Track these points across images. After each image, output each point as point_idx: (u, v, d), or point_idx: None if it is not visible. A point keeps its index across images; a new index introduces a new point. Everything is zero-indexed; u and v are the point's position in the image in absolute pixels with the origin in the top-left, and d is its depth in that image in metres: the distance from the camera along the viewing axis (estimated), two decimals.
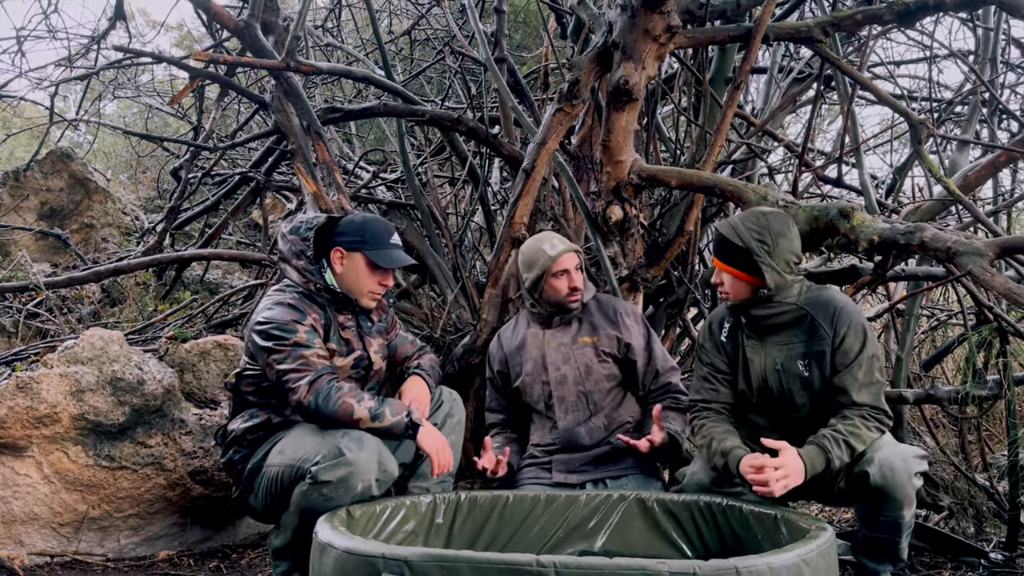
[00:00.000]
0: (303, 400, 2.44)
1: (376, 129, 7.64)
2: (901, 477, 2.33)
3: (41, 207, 6.63)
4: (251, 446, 2.67)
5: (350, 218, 2.77)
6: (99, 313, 5.42)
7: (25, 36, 5.49)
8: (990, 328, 3.36)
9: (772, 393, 2.57)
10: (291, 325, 2.53)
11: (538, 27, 7.46)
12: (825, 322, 2.50)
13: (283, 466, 2.50)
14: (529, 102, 4.56)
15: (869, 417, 2.43)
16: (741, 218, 2.54)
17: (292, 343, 2.50)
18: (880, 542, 2.49)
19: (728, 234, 2.50)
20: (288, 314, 2.56)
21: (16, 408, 3.03)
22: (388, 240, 2.73)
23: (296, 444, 2.51)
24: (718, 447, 2.50)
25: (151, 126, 8.35)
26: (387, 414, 2.47)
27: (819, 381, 2.50)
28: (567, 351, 2.99)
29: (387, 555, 1.72)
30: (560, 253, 2.96)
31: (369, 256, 2.67)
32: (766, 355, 2.57)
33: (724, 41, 3.52)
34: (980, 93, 4.25)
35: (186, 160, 5.91)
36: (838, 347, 2.47)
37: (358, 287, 2.71)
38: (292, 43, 3.70)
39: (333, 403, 2.43)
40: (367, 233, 2.70)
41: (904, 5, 3.03)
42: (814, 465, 2.33)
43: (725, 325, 2.70)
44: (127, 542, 3.30)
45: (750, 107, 5.19)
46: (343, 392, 2.46)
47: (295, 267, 2.70)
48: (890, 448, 2.40)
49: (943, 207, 3.82)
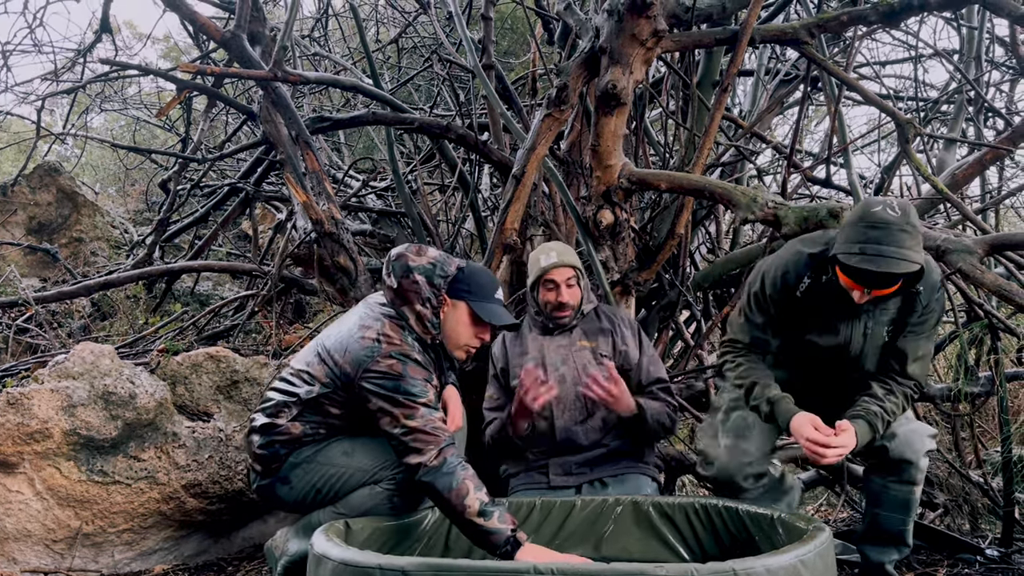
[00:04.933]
0: (428, 464, 2.32)
1: (365, 138, 7.65)
2: (918, 453, 2.44)
3: (29, 222, 6.60)
4: (297, 444, 2.58)
5: (463, 266, 2.63)
6: (89, 327, 5.40)
7: (10, 50, 5.47)
8: (981, 325, 3.37)
9: (848, 354, 2.46)
10: (424, 385, 2.41)
11: (525, 33, 7.49)
12: (924, 294, 2.36)
13: (352, 468, 2.49)
14: (518, 108, 4.57)
15: (912, 395, 2.43)
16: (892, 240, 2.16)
17: (423, 403, 2.39)
18: (887, 523, 2.51)
19: (907, 267, 2.15)
20: (418, 371, 2.44)
21: (7, 424, 3.01)
22: (494, 294, 2.61)
23: (371, 450, 2.50)
24: (764, 393, 2.44)
25: (139, 138, 8.32)
26: (495, 516, 2.27)
27: (893, 341, 2.44)
28: (566, 352, 3.01)
29: (384, 565, 1.71)
30: (551, 266, 2.96)
31: (474, 307, 2.56)
32: (855, 320, 2.43)
33: (711, 44, 3.53)
34: (966, 91, 4.28)
35: (175, 172, 5.89)
36: (921, 316, 2.39)
37: (456, 338, 2.60)
38: (279, 53, 3.69)
39: (456, 480, 2.30)
40: (474, 283, 2.58)
41: (889, 6, 3.05)
42: (863, 441, 2.32)
43: (805, 280, 2.46)
44: (121, 557, 3.28)
45: (738, 109, 5.21)
46: (468, 473, 2.33)
47: (417, 312, 2.55)
48: (909, 424, 2.48)
49: (932, 205, 3.84)
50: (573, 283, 3.01)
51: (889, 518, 2.53)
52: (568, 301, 2.99)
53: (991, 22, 4.46)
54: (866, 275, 2.19)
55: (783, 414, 2.37)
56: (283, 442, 2.59)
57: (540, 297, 3.04)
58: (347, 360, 2.45)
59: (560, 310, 3.00)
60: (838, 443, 2.23)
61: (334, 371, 2.49)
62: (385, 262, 2.64)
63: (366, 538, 2.29)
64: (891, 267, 2.13)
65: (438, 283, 2.55)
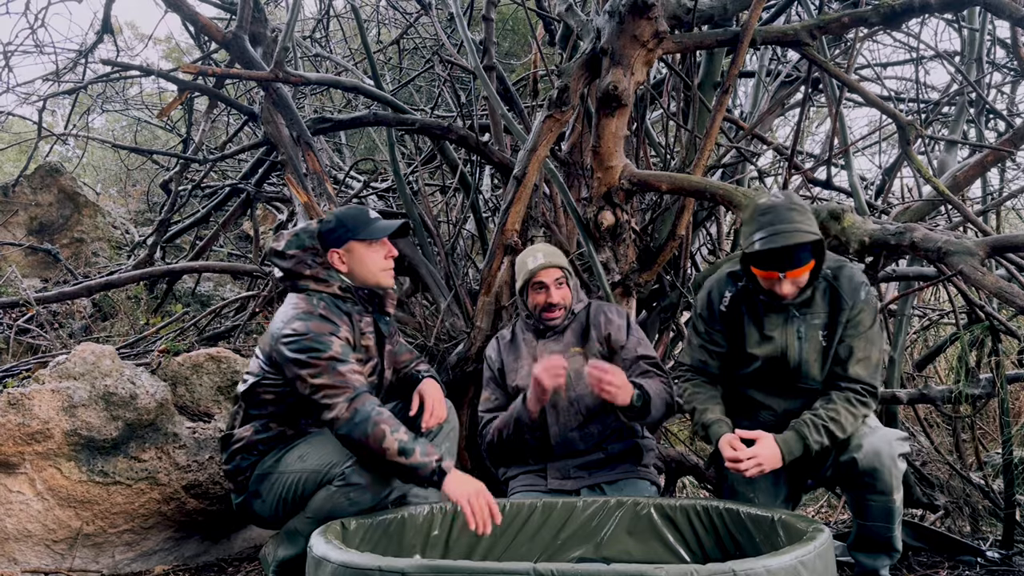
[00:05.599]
0: (340, 416, 2.37)
1: (366, 139, 7.65)
2: (887, 461, 2.40)
3: (31, 222, 6.60)
4: (261, 454, 2.65)
5: (322, 221, 2.75)
6: (90, 328, 5.40)
7: (12, 51, 5.47)
8: (982, 327, 3.38)
9: (787, 364, 2.55)
10: (326, 338, 2.47)
11: (526, 34, 7.49)
12: (847, 293, 2.49)
13: (306, 472, 2.49)
14: (519, 109, 4.57)
15: (857, 397, 2.46)
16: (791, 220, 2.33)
17: (328, 357, 2.44)
18: (873, 532, 2.51)
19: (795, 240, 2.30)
20: (322, 326, 2.50)
21: (8, 425, 3.01)
22: (369, 216, 2.73)
23: (320, 451, 2.51)
24: (700, 419, 2.57)
25: (140, 139, 8.33)
26: (417, 452, 2.36)
27: (832, 348, 2.51)
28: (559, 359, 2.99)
29: (384, 567, 1.71)
30: (539, 267, 2.95)
31: (363, 236, 2.67)
32: (787, 326, 2.54)
33: (712, 46, 3.53)
34: (967, 93, 4.27)
35: (176, 173, 5.90)
36: (851, 318, 2.48)
37: (370, 271, 2.69)
38: (280, 54, 3.70)
39: (370, 426, 2.35)
40: (348, 220, 2.69)
41: (890, 7, 3.04)
42: (791, 450, 2.39)
43: (726, 295, 2.64)
44: (122, 558, 3.28)
45: (739, 111, 5.21)
46: (383, 417, 2.38)
47: (311, 276, 2.66)
48: (875, 434, 2.46)
49: (932, 207, 3.84)
50: (562, 283, 3.00)
51: (874, 528, 2.52)
52: (558, 301, 2.98)
53: (992, 24, 4.46)
54: (773, 257, 2.35)
55: (713, 436, 2.50)
56: (240, 450, 2.67)
57: (530, 300, 3.03)
58: (267, 340, 2.59)
59: (550, 311, 2.99)
60: (749, 454, 2.34)
61: (260, 358, 2.61)
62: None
63: (364, 538, 2.30)
64: (789, 239, 2.28)
65: (309, 243, 2.68)
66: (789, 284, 2.43)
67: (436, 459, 2.36)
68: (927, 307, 5.11)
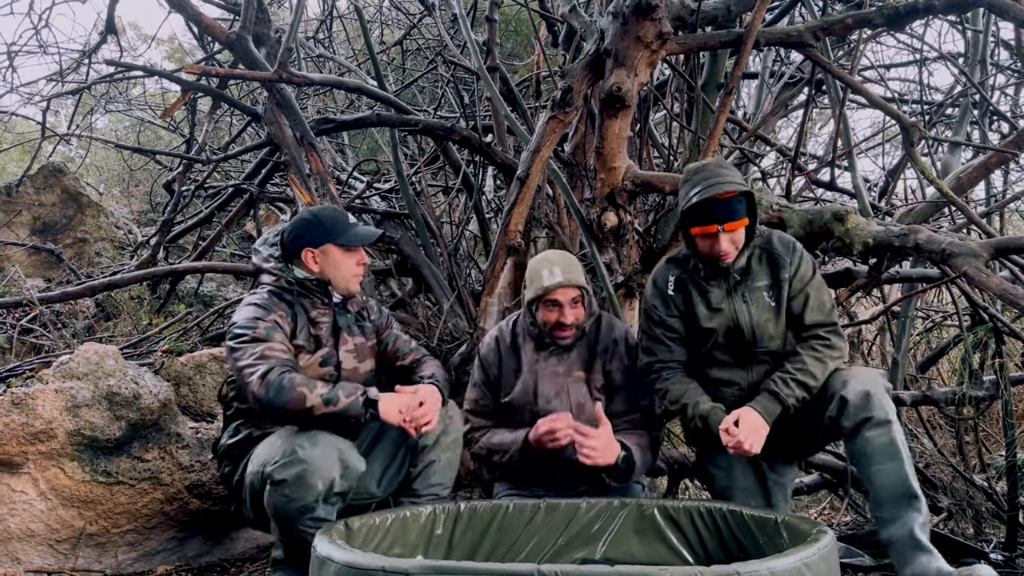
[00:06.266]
0: (256, 392, 2.39)
1: (369, 139, 7.66)
2: (875, 388, 2.38)
3: (34, 222, 6.61)
4: (237, 460, 2.68)
5: (299, 218, 2.77)
6: (94, 328, 5.40)
7: (16, 51, 5.49)
8: (985, 329, 3.37)
9: (742, 333, 2.59)
10: (253, 322, 2.53)
11: (529, 36, 7.49)
12: (783, 252, 2.59)
13: (254, 474, 2.50)
14: (522, 110, 4.57)
15: (820, 343, 2.51)
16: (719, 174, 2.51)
17: (251, 339, 2.49)
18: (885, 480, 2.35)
19: (739, 187, 2.47)
20: (252, 312, 2.57)
21: (11, 424, 3.01)
22: (348, 221, 2.76)
23: (262, 451, 2.50)
24: (695, 412, 2.57)
25: (143, 139, 8.35)
26: (340, 396, 2.41)
27: (783, 309, 2.58)
28: (560, 383, 2.80)
29: (387, 568, 1.70)
30: (554, 286, 2.70)
31: (340, 243, 2.70)
32: (733, 296, 2.61)
33: (715, 47, 3.53)
34: (971, 95, 4.27)
35: (179, 173, 5.91)
36: (795, 273, 2.57)
37: (341, 275, 2.73)
38: (284, 55, 3.70)
39: (286, 393, 2.37)
40: (327, 222, 2.72)
41: (893, 8, 3.04)
42: (769, 411, 2.43)
43: (670, 279, 2.71)
44: (125, 557, 3.28)
45: (742, 112, 5.21)
46: (296, 381, 2.40)
47: (266, 271, 2.74)
48: (853, 373, 2.47)
49: (936, 209, 3.84)
50: (578, 302, 2.78)
51: (884, 472, 2.35)
52: (572, 322, 2.76)
53: (996, 25, 4.45)
54: (710, 210, 2.48)
55: (714, 423, 2.52)
56: (222, 456, 2.73)
57: (540, 315, 2.80)
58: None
59: (562, 330, 2.78)
60: (741, 429, 2.38)
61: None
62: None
63: (367, 538, 2.30)
64: (723, 188, 2.44)
65: (272, 240, 2.79)
66: (728, 240, 2.51)
67: (360, 394, 2.44)
68: (931, 309, 5.11)
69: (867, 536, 3.20)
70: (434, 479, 2.72)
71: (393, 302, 5.03)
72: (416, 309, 4.72)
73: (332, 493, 2.39)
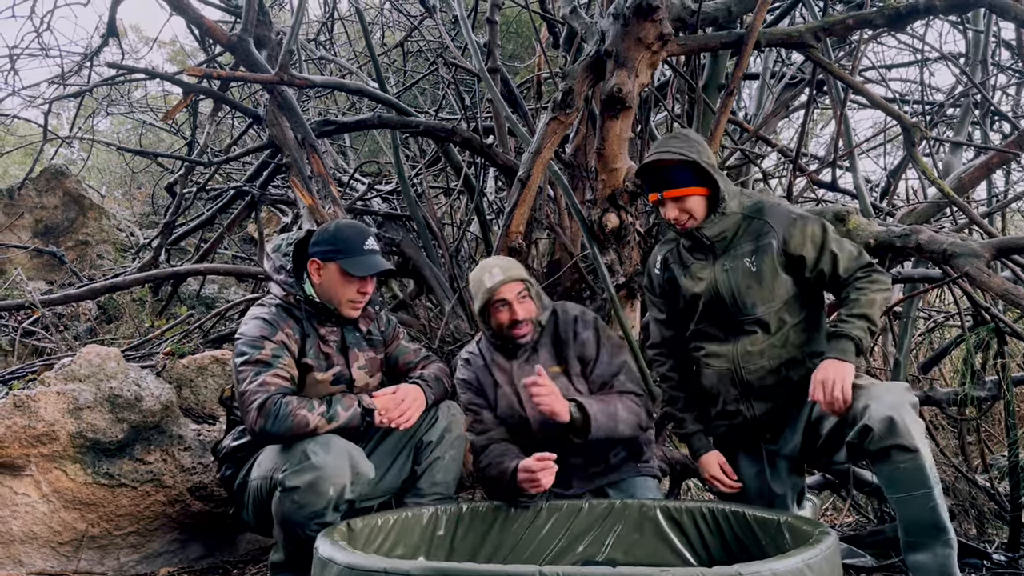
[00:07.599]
0: (254, 426, 2.40)
1: (371, 141, 7.66)
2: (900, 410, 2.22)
3: (36, 225, 6.62)
4: (240, 463, 2.68)
5: (324, 227, 2.74)
6: (95, 330, 5.41)
7: (18, 54, 5.50)
8: (987, 329, 3.36)
9: (724, 301, 2.59)
10: (259, 341, 2.51)
11: (530, 37, 7.50)
12: (770, 219, 2.57)
13: (260, 479, 2.50)
14: (523, 112, 4.57)
15: (863, 280, 2.48)
16: (667, 144, 2.59)
17: (255, 360, 2.48)
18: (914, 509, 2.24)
19: (676, 156, 2.53)
20: (260, 329, 2.54)
21: (14, 427, 3.02)
22: (362, 246, 2.67)
23: (270, 456, 2.50)
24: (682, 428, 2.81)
25: (145, 142, 8.36)
26: (339, 412, 2.45)
27: (769, 274, 2.54)
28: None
29: (389, 569, 1.71)
30: (498, 284, 2.71)
31: (343, 265, 2.63)
32: (713, 266, 2.63)
33: (716, 48, 3.53)
34: (972, 95, 4.27)
35: (181, 175, 5.92)
36: (788, 240, 2.52)
37: (337, 297, 2.68)
38: (285, 57, 3.70)
39: (287, 420, 2.38)
40: (340, 241, 2.66)
41: (894, 9, 3.04)
42: (845, 352, 2.38)
43: (658, 257, 2.81)
44: (127, 559, 3.28)
45: (743, 113, 5.21)
46: (293, 406, 2.40)
47: (277, 282, 2.71)
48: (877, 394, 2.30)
49: (938, 209, 3.83)
50: (525, 296, 2.78)
51: (911, 501, 2.23)
52: (524, 316, 2.75)
53: (997, 25, 4.45)
54: (651, 177, 2.61)
55: (695, 452, 2.76)
56: (224, 458, 2.73)
57: (493, 320, 2.78)
58: None
59: (517, 327, 2.76)
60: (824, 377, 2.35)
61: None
62: None
63: (370, 539, 2.30)
64: (660, 156, 2.55)
65: (286, 249, 2.73)
66: (672, 207, 2.58)
67: (356, 405, 2.49)
68: (932, 309, 5.10)
69: (869, 537, 3.20)
70: (439, 477, 2.72)
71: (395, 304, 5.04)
72: (417, 311, 4.73)
73: (343, 500, 2.40)
